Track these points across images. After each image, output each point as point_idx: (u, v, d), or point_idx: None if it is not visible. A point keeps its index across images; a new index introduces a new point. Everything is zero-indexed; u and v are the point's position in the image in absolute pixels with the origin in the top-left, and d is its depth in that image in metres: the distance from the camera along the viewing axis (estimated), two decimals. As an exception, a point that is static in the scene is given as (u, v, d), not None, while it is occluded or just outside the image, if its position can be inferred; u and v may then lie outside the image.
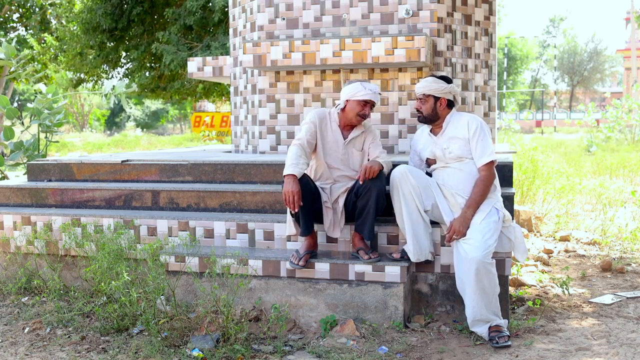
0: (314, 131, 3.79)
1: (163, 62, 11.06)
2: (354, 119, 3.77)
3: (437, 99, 3.73)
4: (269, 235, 4.05)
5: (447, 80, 3.77)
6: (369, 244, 3.77)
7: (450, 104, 3.78)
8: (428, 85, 3.72)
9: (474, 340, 3.43)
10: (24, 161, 7.67)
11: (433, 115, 3.75)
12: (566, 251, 5.60)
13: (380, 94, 3.81)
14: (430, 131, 3.84)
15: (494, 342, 3.36)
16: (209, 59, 6.34)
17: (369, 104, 3.78)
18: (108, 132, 48.21)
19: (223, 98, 14.74)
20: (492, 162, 3.60)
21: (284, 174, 3.56)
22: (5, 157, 8.00)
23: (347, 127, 3.87)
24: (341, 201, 3.80)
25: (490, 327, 3.43)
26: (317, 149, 3.85)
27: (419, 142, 3.93)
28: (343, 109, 3.81)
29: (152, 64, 13.01)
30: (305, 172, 3.65)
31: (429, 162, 3.84)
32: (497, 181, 3.71)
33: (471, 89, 5.49)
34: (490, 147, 3.62)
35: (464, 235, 3.49)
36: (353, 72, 5.31)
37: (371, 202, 3.61)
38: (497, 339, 3.37)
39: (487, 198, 3.61)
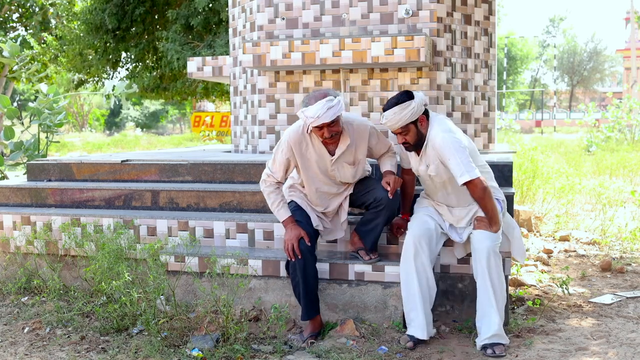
0: (287, 166, 3.51)
1: (164, 62, 11.07)
2: (326, 141, 3.40)
3: (415, 122, 3.39)
4: (268, 235, 4.05)
5: (409, 95, 3.38)
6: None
7: (426, 114, 3.46)
8: (402, 116, 3.33)
9: (474, 340, 3.43)
10: (24, 161, 7.67)
11: (420, 137, 3.43)
12: (566, 251, 5.60)
13: (334, 106, 3.25)
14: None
15: (489, 352, 3.24)
16: (208, 58, 6.34)
17: (325, 127, 3.30)
18: (108, 132, 48.20)
19: (223, 98, 14.73)
20: (472, 180, 3.28)
21: (280, 220, 3.53)
22: (5, 157, 8.00)
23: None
24: (343, 213, 3.70)
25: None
26: (301, 174, 3.58)
27: (406, 159, 3.67)
28: None
29: (154, 64, 13.02)
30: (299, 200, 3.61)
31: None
32: (491, 176, 3.57)
33: (471, 89, 5.49)
34: (465, 164, 3.27)
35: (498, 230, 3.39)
36: (353, 72, 5.31)
37: (381, 220, 3.55)
38: (493, 348, 3.26)
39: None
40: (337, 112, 3.25)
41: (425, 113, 3.44)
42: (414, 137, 3.41)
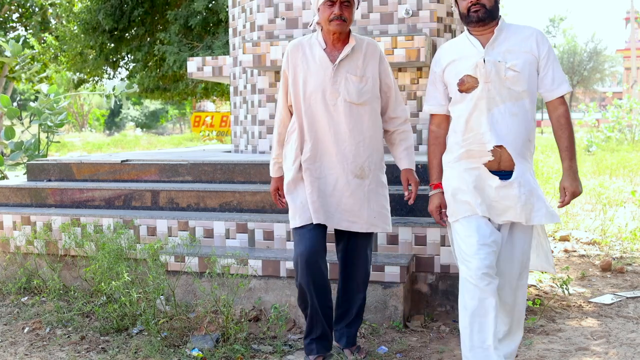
0: (287, 84, 3.02)
1: (167, 64, 11.08)
2: (331, 27, 2.88)
3: None
4: (268, 235, 4.05)
5: None
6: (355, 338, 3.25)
7: None
8: None
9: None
10: (24, 161, 7.67)
11: (495, 9, 2.68)
12: (566, 251, 5.60)
13: None
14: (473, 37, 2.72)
15: None
16: (208, 58, 6.34)
17: (337, 2, 2.86)
18: (108, 132, 48.20)
19: (223, 98, 14.74)
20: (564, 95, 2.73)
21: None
22: (6, 157, 8.00)
23: (337, 45, 2.97)
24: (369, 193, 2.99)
25: None
26: (295, 99, 2.99)
27: (448, 54, 2.78)
28: (320, 25, 2.99)
29: (156, 65, 13.02)
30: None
31: (465, 84, 2.70)
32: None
33: (471, 89, 5.48)
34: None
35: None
36: (353, 72, 5.30)
37: (355, 311, 3.17)
38: None
39: (528, 160, 2.72)
40: None
41: None
42: (492, 1, 2.68)
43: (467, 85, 2.68)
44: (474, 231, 2.66)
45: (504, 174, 2.67)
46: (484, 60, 2.64)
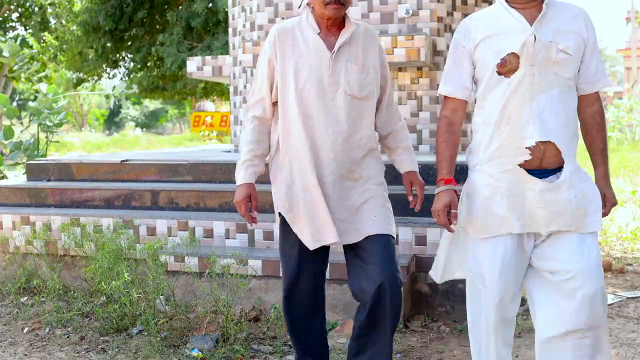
0: (272, 76, 2.50)
1: (166, 66, 11.10)
2: (327, 12, 2.43)
3: None
4: (268, 235, 4.05)
5: None
6: None
7: None
8: None
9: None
10: (24, 161, 7.67)
11: None
12: (566, 251, 5.60)
13: None
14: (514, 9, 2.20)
15: None
16: (208, 58, 6.34)
17: None
18: (107, 131, 48.19)
19: (223, 97, 14.74)
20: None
21: (236, 181, 2.68)
22: (5, 157, 7.99)
23: (332, 30, 2.52)
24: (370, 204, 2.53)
25: None
26: (283, 93, 2.48)
27: (483, 27, 2.25)
28: (311, 6, 2.51)
29: (155, 65, 13.04)
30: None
31: (506, 65, 2.19)
32: None
33: (471, 89, 5.48)
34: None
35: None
36: (353, 71, 5.30)
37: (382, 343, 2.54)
38: None
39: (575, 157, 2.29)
40: None
41: None
42: None
43: (509, 66, 2.18)
44: (499, 255, 2.29)
45: (546, 173, 2.21)
46: (535, 39, 2.14)
